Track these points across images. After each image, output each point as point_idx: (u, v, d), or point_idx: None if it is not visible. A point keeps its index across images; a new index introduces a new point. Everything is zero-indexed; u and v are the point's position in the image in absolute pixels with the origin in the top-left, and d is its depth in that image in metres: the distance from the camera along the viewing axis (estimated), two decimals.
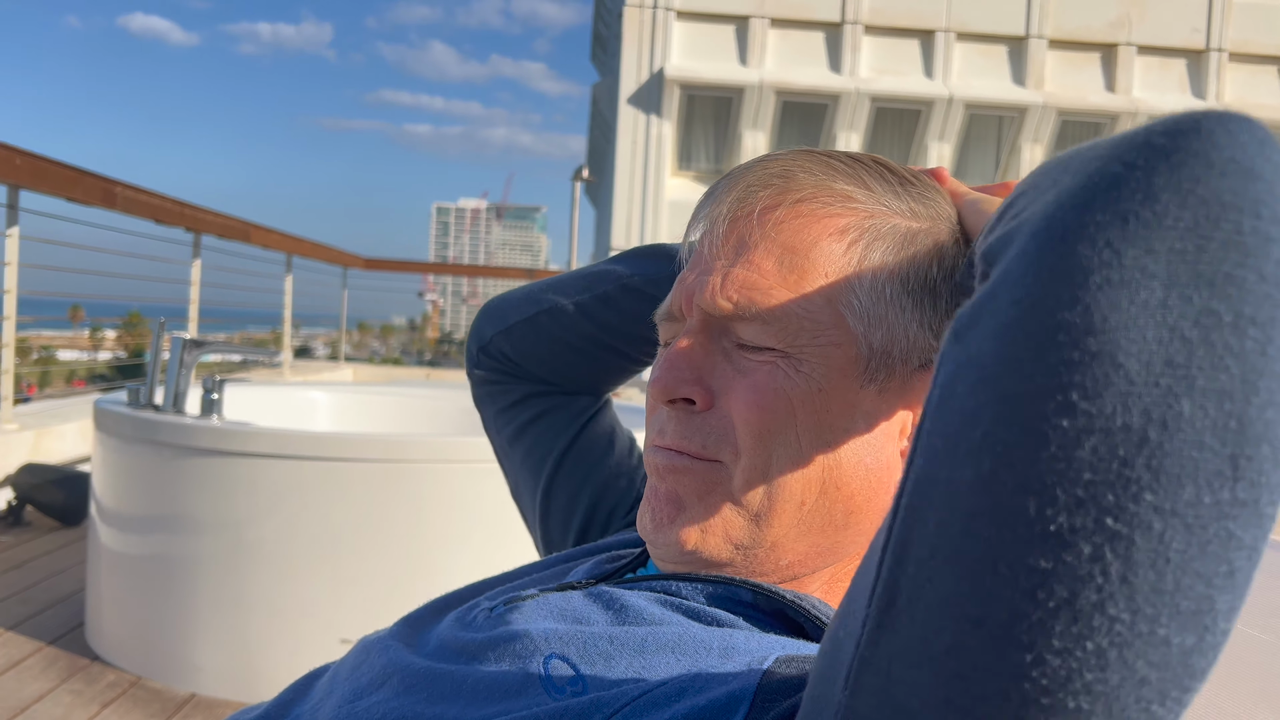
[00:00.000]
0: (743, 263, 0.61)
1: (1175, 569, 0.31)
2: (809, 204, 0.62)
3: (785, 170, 0.63)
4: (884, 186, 0.63)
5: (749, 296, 0.60)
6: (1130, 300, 0.32)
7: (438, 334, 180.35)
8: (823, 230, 0.61)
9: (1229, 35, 16.94)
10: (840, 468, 0.61)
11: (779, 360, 0.60)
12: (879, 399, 0.61)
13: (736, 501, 0.61)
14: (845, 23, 16.51)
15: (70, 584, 2.93)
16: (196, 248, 5.70)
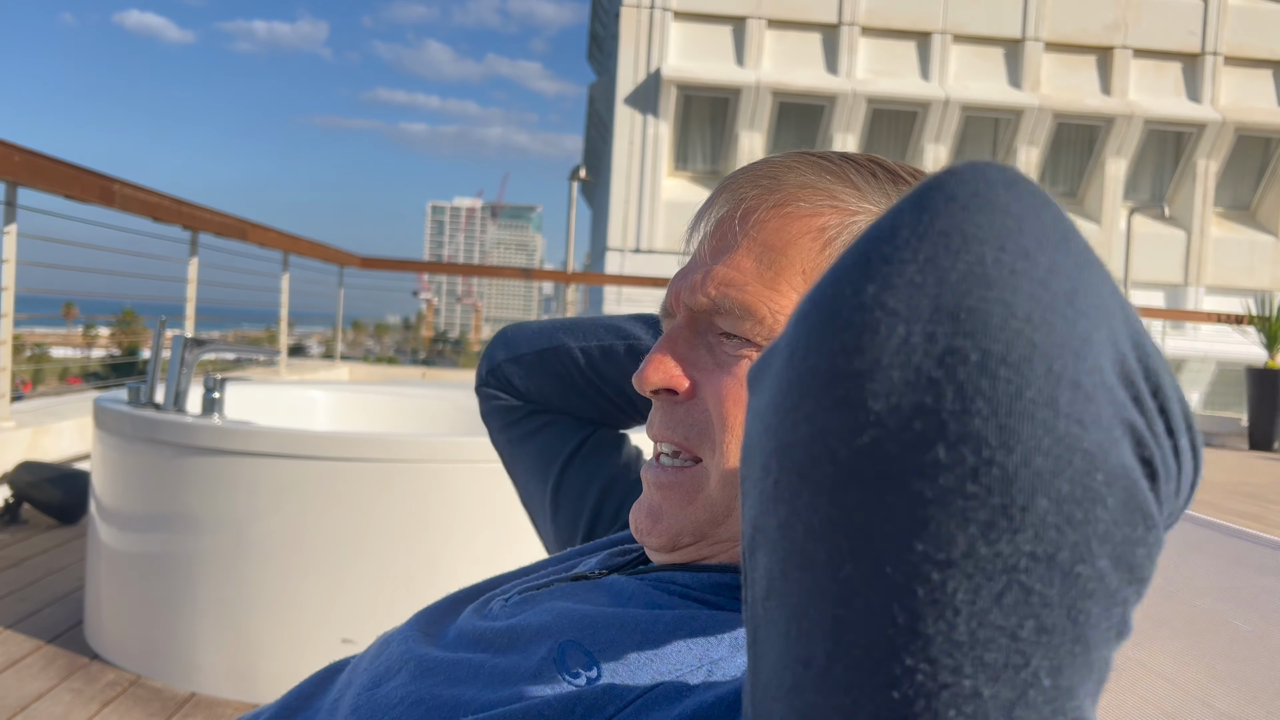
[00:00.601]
0: (724, 261, 0.64)
1: (967, 620, 0.30)
2: (791, 204, 0.64)
3: (773, 172, 0.65)
4: (872, 184, 0.65)
5: (725, 292, 0.63)
6: (872, 340, 0.31)
7: (432, 333, 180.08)
8: (802, 229, 0.63)
9: (1224, 39, 16.99)
10: None
11: (755, 354, 0.62)
12: None
13: (711, 502, 0.65)
14: (842, 24, 16.55)
15: (68, 582, 2.92)
16: (194, 246, 5.70)
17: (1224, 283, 16.91)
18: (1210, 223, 17.11)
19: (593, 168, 20.99)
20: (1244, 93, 17.13)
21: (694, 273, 0.66)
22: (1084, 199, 17.28)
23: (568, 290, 10.16)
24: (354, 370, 8.60)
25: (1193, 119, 16.82)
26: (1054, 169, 17.35)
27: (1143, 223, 15.38)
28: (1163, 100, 16.98)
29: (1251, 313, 9.69)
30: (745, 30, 16.50)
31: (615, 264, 16.36)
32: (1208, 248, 17.02)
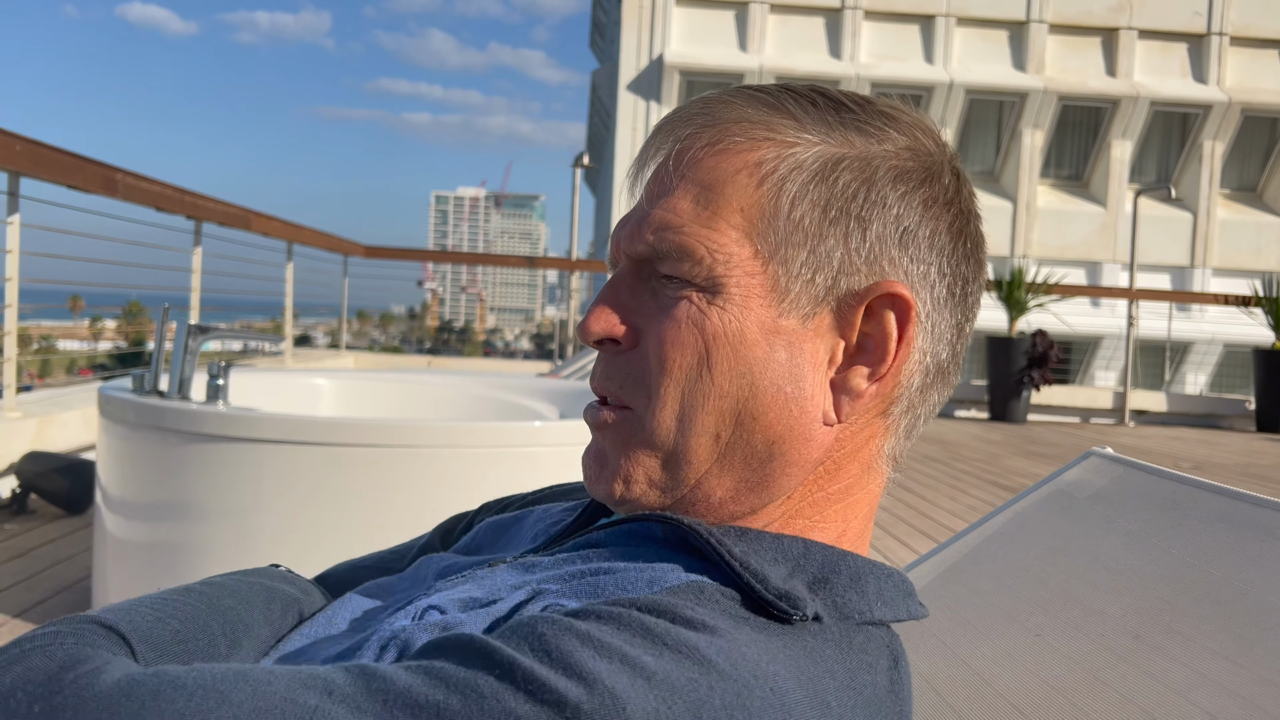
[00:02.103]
0: (661, 204, 0.63)
1: None
2: (725, 140, 0.62)
3: (708, 109, 0.64)
4: (811, 114, 0.63)
5: (661, 235, 0.62)
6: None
7: (437, 322, 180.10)
8: (738, 164, 0.61)
9: (1230, 19, 16.87)
10: (757, 398, 0.60)
11: (694, 294, 0.61)
12: (802, 328, 0.61)
13: (651, 445, 0.62)
14: (845, 8, 16.46)
15: (76, 571, 2.92)
16: (198, 235, 5.69)
17: (1230, 264, 16.84)
18: (1216, 204, 17.02)
19: (596, 155, 20.95)
20: (1250, 73, 17.02)
21: (632, 220, 0.65)
22: (1089, 181, 17.21)
23: (572, 277, 10.14)
24: (359, 359, 8.60)
25: (1198, 100, 16.73)
26: (1059, 151, 17.27)
27: (1149, 205, 15.30)
28: (1168, 81, 16.88)
29: (1259, 294, 9.65)
30: (748, 15, 16.43)
31: None
32: (1214, 229, 16.94)
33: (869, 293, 0.61)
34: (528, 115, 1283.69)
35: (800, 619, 0.54)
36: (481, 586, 0.62)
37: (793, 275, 0.60)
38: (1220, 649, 0.69)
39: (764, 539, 0.60)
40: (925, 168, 0.63)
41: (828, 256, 0.61)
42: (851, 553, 0.61)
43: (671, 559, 0.60)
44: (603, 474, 0.65)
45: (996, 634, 0.84)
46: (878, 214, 0.61)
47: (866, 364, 0.62)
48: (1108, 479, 0.93)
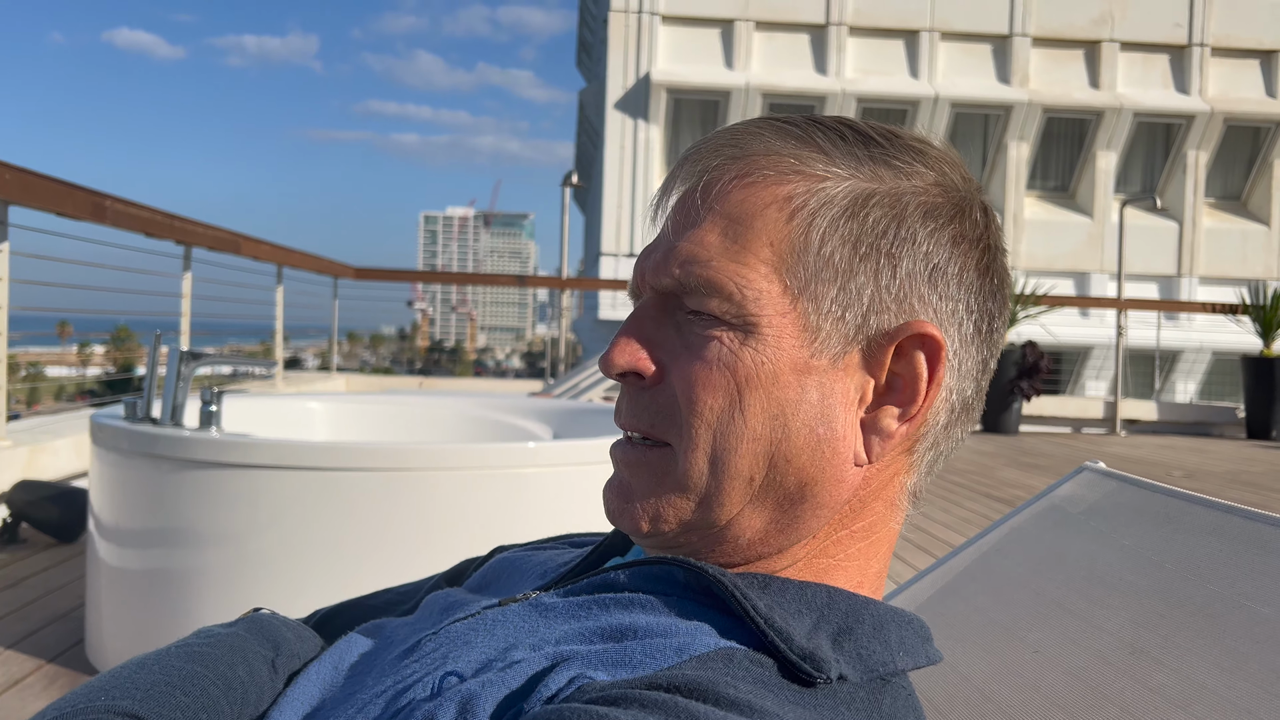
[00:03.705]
0: (688, 237, 0.61)
1: None
2: (755, 173, 0.61)
3: (736, 140, 0.62)
4: (840, 148, 0.62)
5: (689, 270, 0.60)
6: None
7: (428, 342, 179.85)
8: (767, 199, 0.60)
9: (1211, 29, 17.03)
10: (790, 440, 0.60)
11: (725, 333, 0.60)
12: (833, 368, 0.60)
13: (684, 486, 0.61)
14: (830, 24, 16.56)
15: (69, 601, 2.91)
16: (187, 260, 5.68)
17: (1217, 273, 16.93)
18: (1202, 213, 17.14)
19: (585, 173, 21.00)
20: (1232, 83, 17.17)
21: (657, 251, 0.63)
22: (1075, 193, 17.32)
23: (563, 296, 10.15)
24: (350, 381, 8.59)
25: (1181, 110, 16.86)
26: (1045, 163, 17.38)
27: (1135, 215, 15.40)
28: (1151, 92, 17.01)
29: (1245, 302, 9.71)
30: (733, 32, 16.52)
31: (609, 269, 16.35)
32: (1200, 238, 17.05)
33: (900, 332, 0.60)
34: (516, 134, 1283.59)
35: (825, 682, 0.54)
36: (494, 636, 0.60)
37: (823, 313, 0.60)
38: (1217, 661, 0.70)
39: (788, 589, 0.59)
40: (954, 204, 0.63)
41: (858, 294, 0.60)
42: (874, 600, 0.61)
43: (695, 613, 0.58)
44: (629, 509, 0.63)
45: (995, 650, 0.85)
46: (908, 251, 0.61)
47: (896, 404, 0.61)
48: (1101, 493, 0.94)
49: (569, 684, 0.52)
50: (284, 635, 0.75)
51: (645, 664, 0.54)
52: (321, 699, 0.66)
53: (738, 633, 0.57)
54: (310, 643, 0.77)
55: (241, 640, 0.71)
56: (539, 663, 0.55)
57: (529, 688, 0.54)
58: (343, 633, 0.77)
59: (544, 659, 0.55)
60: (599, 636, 0.57)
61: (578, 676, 0.53)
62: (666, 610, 0.58)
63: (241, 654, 0.70)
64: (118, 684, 0.63)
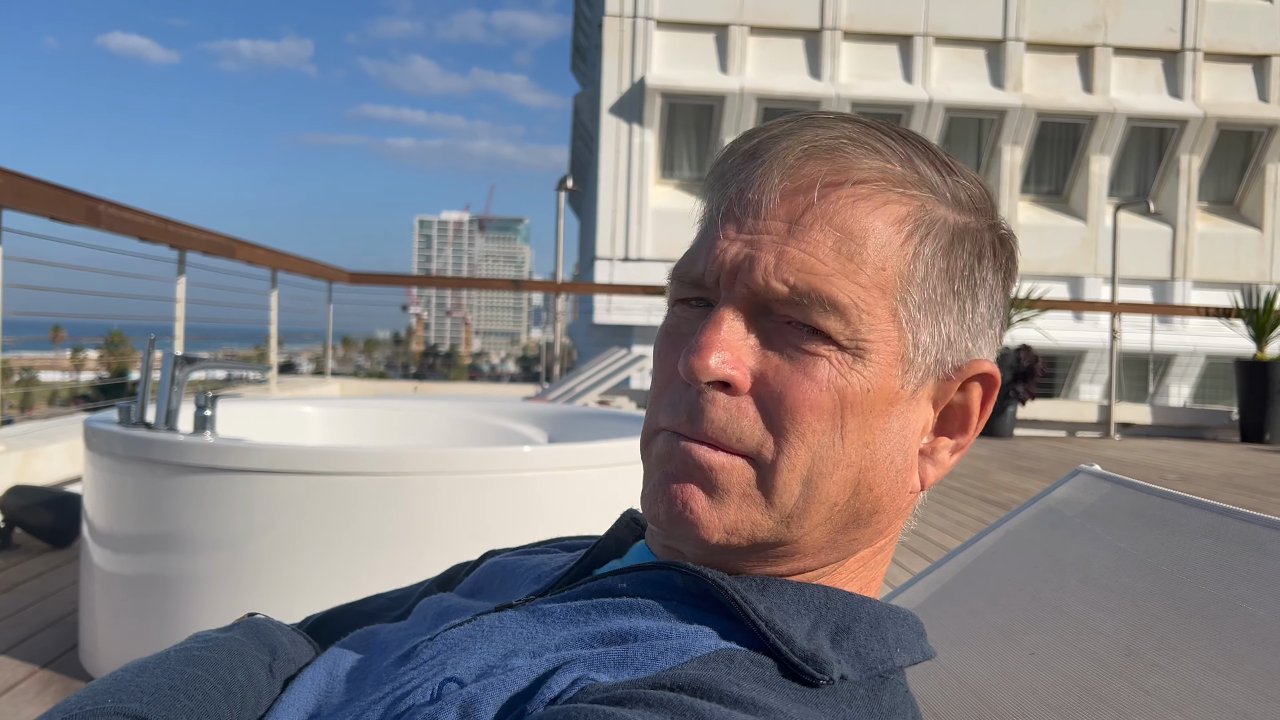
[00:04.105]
0: (798, 242, 0.58)
1: None
2: (868, 186, 0.59)
3: (838, 144, 0.60)
4: (935, 174, 0.61)
5: (807, 281, 0.57)
6: None
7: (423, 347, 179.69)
8: (884, 218, 0.58)
9: (1203, 34, 17.08)
10: (875, 469, 0.60)
11: (835, 354, 0.57)
12: (912, 399, 0.60)
13: (770, 503, 0.58)
14: (824, 29, 16.59)
15: (62, 606, 2.89)
16: (181, 265, 5.67)
17: (1210, 276, 16.98)
18: (1195, 217, 17.19)
19: (579, 178, 21.01)
20: (1224, 88, 17.23)
21: (758, 249, 0.58)
22: (1069, 197, 17.36)
23: (558, 300, 10.15)
24: (345, 385, 8.57)
25: (1174, 115, 16.91)
26: (1038, 168, 17.42)
27: (1128, 219, 15.44)
28: (1144, 97, 17.06)
29: (1239, 305, 9.73)
30: (728, 37, 16.55)
31: (604, 273, 16.35)
32: (1193, 242, 17.09)
33: (968, 370, 0.61)
34: (511, 139, 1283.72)
35: (828, 682, 0.54)
36: (492, 642, 0.59)
37: (918, 345, 0.59)
38: (1213, 664, 0.70)
39: (786, 589, 0.59)
40: (1007, 243, 0.64)
41: (944, 329, 0.60)
42: (870, 599, 0.61)
43: (695, 617, 0.58)
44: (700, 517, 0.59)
45: (992, 653, 0.85)
46: (983, 291, 0.62)
47: (949, 434, 0.63)
48: (1096, 496, 0.94)
49: (572, 685, 0.52)
50: (280, 640, 0.74)
51: (648, 665, 0.53)
52: (317, 705, 0.66)
53: (738, 635, 0.57)
54: (304, 648, 0.76)
55: (239, 645, 0.71)
56: (540, 667, 0.55)
57: (531, 690, 0.53)
58: (335, 638, 0.76)
59: (545, 664, 0.55)
60: (599, 641, 0.57)
61: (581, 678, 0.53)
62: (666, 614, 0.58)
63: (240, 658, 0.70)
64: (122, 687, 0.63)
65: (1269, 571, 0.72)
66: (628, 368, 6.10)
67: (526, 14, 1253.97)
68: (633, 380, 9.75)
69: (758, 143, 0.62)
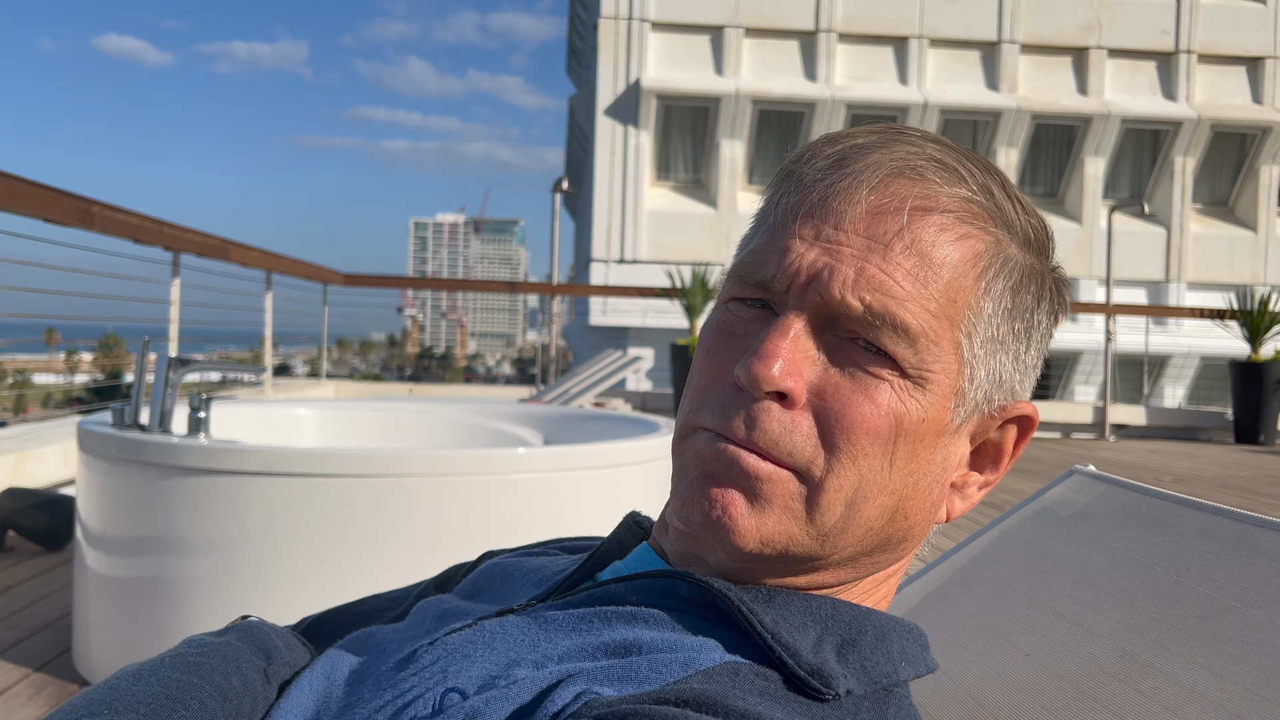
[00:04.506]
0: (879, 260, 0.57)
1: None
2: (953, 215, 0.58)
3: (927, 166, 0.59)
4: (1011, 210, 0.60)
5: (884, 303, 0.56)
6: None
7: (418, 349, 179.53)
8: (963, 251, 0.58)
9: (1197, 37, 17.13)
10: (915, 498, 0.60)
11: (898, 379, 0.57)
12: (956, 432, 0.60)
13: (811, 520, 0.57)
14: (819, 31, 16.60)
15: (56, 609, 2.89)
16: (175, 267, 5.66)
17: (1205, 278, 17.02)
18: (1189, 219, 17.23)
19: (575, 180, 21.01)
20: (1218, 90, 17.28)
21: (838, 260, 0.57)
22: (1064, 199, 17.39)
23: (553, 302, 10.15)
24: (340, 388, 8.56)
25: (1169, 117, 16.96)
26: (1033, 170, 17.45)
27: (1123, 220, 15.47)
28: (1138, 99, 17.10)
29: (1233, 307, 9.76)
30: (723, 39, 16.56)
31: (600, 275, 16.35)
32: (1188, 244, 17.13)
33: (1009, 410, 0.61)
34: (506, 141, 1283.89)
35: (834, 697, 0.54)
36: (494, 650, 0.59)
37: (974, 381, 0.59)
38: (1207, 664, 0.70)
39: (792, 600, 0.59)
40: (1061, 290, 0.64)
41: (998, 369, 0.60)
42: (875, 610, 0.61)
43: (700, 628, 0.57)
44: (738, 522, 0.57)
45: (987, 654, 0.84)
46: (1036, 334, 0.62)
47: (979, 469, 0.63)
48: (1091, 497, 0.94)
49: (575, 699, 0.52)
50: (275, 644, 0.74)
51: (651, 679, 0.53)
52: (315, 710, 0.65)
53: (743, 648, 0.56)
54: (300, 651, 0.76)
55: (234, 649, 0.71)
56: (543, 680, 0.54)
57: (534, 704, 0.53)
58: (331, 640, 0.76)
59: (549, 676, 0.54)
60: (603, 652, 0.56)
61: (584, 692, 0.52)
62: (671, 625, 0.58)
63: (235, 664, 0.69)
64: (117, 696, 0.62)
65: (1263, 572, 0.72)
66: (623, 369, 6.10)
67: (522, 16, 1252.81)
68: (628, 382, 9.74)
69: (845, 150, 0.60)
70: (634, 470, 2.39)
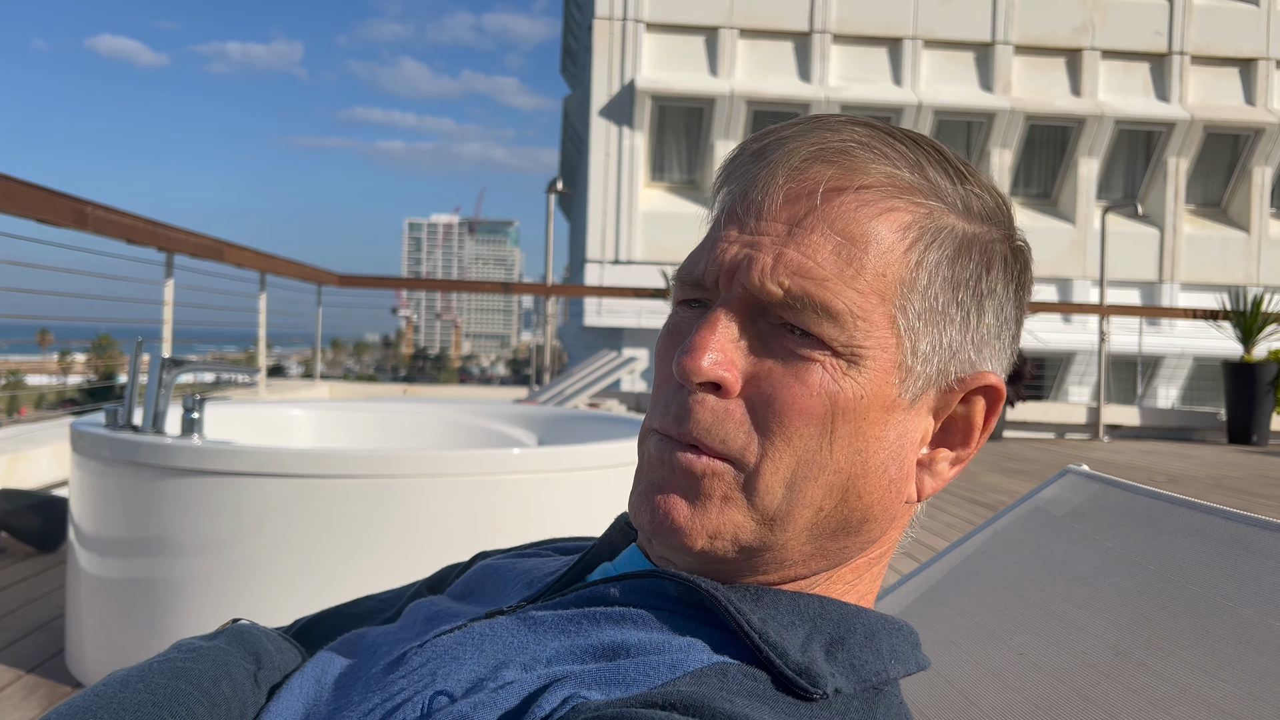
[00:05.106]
0: (797, 244, 0.57)
1: None
2: (873, 191, 0.58)
3: (846, 147, 0.59)
4: (946, 180, 0.60)
5: (803, 286, 0.56)
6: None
7: (412, 350, 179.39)
8: (887, 224, 0.58)
9: (1190, 38, 17.18)
10: (866, 477, 0.59)
11: (829, 359, 0.57)
12: (910, 408, 0.60)
13: (752, 506, 0.58)
14: (814, 31, 16.62)
15: (49, 610, 2.88)
16: (169, 267, 5.65)
17: (1198, 279, 17.07)
18: (1182, 220, 17.27)
19: (570, 180, 21.01)
20: (1211, 91, 17.33)
21: (757, 250, 0.58)
22: (1058, 199, 17.43)
23: (548, 303, 10.14)
24: (334, 388, 8.55)
25: (1162, 118, 17.00)
26: (1027, 170, 17.49)
27: (1116, 221, 15.50)
28: (1132, 100, 17.14)
29: (1226, 308, 9.78)
30: (718, 40, 16.57)
31: (594, 275, 16.35)
32: (1181, 244, 17.18)
33: (971, 381, 0.61)
34: (501, 142, 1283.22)
35: (821, 696, 0.54)
36: (483, 652, 0.59)
37: (917, 354, 0.59)
38: (1200, 663, 0.70)
39: (780, 599, 0.59)
40: (1021, 254, 0.63)
41: (948, 340, 0.60)
42: (865, 609, 0.61)
43: (688, 629, 0.58)
44: (682, 524, 0.58)
45: (980, 653, 0.85)
46: (991, 302, 0.61)
47: (949, 446, 0.62)
48: (1085, 496, 0.94)
49: (563, 704, 0.52)
50: (265, 647, 0.74)
51: (639, 682, 0.53)
52: (304, 713, 0.65)
53: (731, 647, 0.56)
54: (290, 654, 0.76)
55: (224, 654, 0.70)
56: (531, 683, 0.54)
57: (522, 709, 0.53)
58: (324, 642, 0.76)
59: (536, 679, 0.54)
60: (591, 654, 0.56)
61: (571, 696, 0.52)
62: (659, 625, 0.58)
63: (224, 668, 0.69)
64: (104, 704, 0.62)
65: (1256, 571, 0.72)
66: (618, 370, 6.10)
67: (517, 17, 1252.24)
68: (623, 383, 9.74)
69: (766, 143, 0.61)
70: (628, 471, 2.38)
